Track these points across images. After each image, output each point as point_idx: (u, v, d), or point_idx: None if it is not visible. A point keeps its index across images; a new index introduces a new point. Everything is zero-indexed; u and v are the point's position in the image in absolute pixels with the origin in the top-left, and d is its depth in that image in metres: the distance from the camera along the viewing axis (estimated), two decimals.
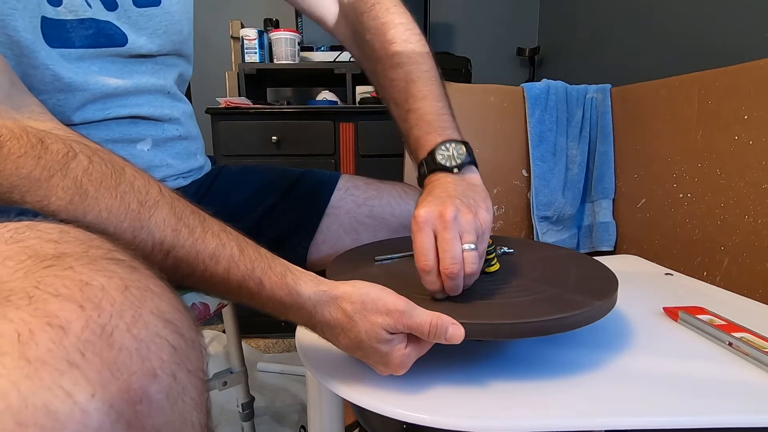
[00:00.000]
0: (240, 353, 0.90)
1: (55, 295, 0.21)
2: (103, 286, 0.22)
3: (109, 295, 0.22)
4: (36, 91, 0.48)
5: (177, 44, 0.60)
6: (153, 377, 0.21)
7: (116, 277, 0.23)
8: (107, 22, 0.52)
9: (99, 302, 0.21)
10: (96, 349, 0.20)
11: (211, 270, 0.36)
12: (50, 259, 0.23)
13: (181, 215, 0.36)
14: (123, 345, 0.21)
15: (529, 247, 0.62)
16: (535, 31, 1.99)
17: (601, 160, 1.18)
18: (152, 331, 0.22)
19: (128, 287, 0.23)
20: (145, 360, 0.21)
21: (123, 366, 0.20)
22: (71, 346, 0.19)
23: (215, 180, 0.71)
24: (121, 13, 0.53)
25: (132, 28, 0.54)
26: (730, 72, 0.86)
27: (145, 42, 0.56)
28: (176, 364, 0.23)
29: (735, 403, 0.38)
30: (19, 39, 0.46)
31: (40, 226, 0.26)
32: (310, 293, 0.38)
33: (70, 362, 0.19)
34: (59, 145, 0.33)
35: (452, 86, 1.13)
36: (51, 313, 0.20)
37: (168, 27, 0.57)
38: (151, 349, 0.22)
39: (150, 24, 0.56)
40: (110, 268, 0.24)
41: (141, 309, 0.22)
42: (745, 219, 0.83)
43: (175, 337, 0.23)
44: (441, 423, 0.36)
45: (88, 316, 0.21)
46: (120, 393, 0.20)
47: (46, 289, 0.21)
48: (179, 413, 0.22)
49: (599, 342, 0.48)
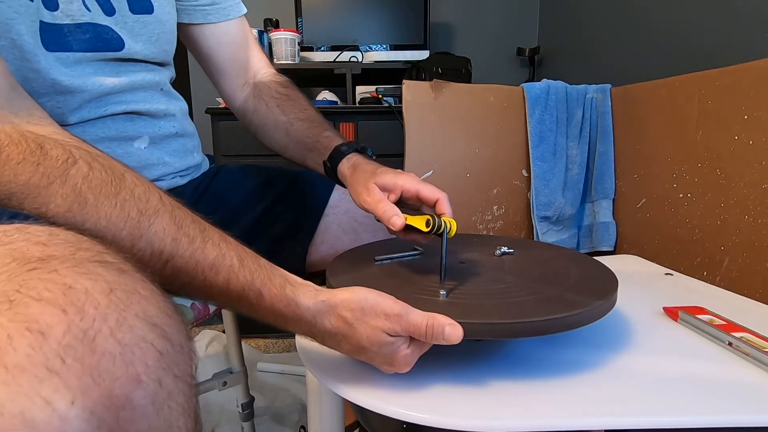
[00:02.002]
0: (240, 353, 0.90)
1: (36, 299, 0.20)
2: (87, 290, 0.22)
3: (93, 299, 0.22)
4: (36, 94, 0.48)
5: (168, 55, 0.62)
6: (137, 383, 0.21)
7: (102, 280, 0.23)
8: (105, 26, 0.52)
9: (82, 306, 0.21)
10: (77, 354, 0.20)
11: (211, 280, 0.36)
12: (35, 261, 0.23)
13: (181, 224, 0.36)
14: (106, 350, 0.20)
15: (529, 247, 0.62)
16: (535, 31, 1.99)
17: (601, 160, 1.18)
18: (137, 335, 0.22)
19: (114, 290, 0.23)
20: (129, 365, 0.21)
21: (105, 372, 0.20)
22: (51, 352, 0.19)
23: (214, 179, 0.71)
24: (119, 19, 0.54)
25: (129, 34, 0.55)
26: (730, 72, 0.86)
27: (140, 48, 0.56)
28: (162, 369, 0.22)
29: (735, 403, 0.38)
30: (22, 43, 0.46)
31: (30, 229, 0.26)
32: (309, 304, 0.38)
33: (50, 368, 0.19)
34: (59, 151, 0.33)
35: (452, 86, 1.13)
36: (31, 317, 0.20)
37: (160, 35, 0.58)
38: (135, 354, 0.21)
39: (145, 30, 0.56)
40: (96, 271, 0.23)
41: (126, 313, 0.22)
42: (745, 219, 0.83)
43: (161, 341, 0.23)
44: (441, 423, 0.36)
45: (70, 320, 0.20)
46: (102, 399, 0.19)
47: (28, 292, 0.21)
48: (165, 419, 0.22)
49: (599, 342, 0.48)
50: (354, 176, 0.56)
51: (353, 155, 0.60)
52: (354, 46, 1.74)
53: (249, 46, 0.73)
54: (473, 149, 1.15)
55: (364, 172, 0.55)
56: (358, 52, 1.73)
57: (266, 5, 1.84)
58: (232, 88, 0.73)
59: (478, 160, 1.16)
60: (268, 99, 0.70)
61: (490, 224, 1.19)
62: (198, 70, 1.90)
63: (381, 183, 0.52)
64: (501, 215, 1.20)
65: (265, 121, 0.70)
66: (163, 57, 0.61)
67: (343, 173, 0.59)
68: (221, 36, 0.69)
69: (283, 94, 0.70)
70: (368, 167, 0.56)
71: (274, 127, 0.69)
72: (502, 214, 1.20)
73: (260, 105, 0.70)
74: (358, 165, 0.57)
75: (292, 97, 0.71)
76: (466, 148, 1.15)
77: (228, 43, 0.70)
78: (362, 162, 0.58)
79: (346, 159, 0.59)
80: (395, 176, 0.53)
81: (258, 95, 0.71)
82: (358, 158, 0.59)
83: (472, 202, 1.17)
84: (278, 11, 1.80)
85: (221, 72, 0.71)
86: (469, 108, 1.15)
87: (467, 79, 1.66)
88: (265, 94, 0.71)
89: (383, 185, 0.52)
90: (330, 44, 1.75)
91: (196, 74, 1.90)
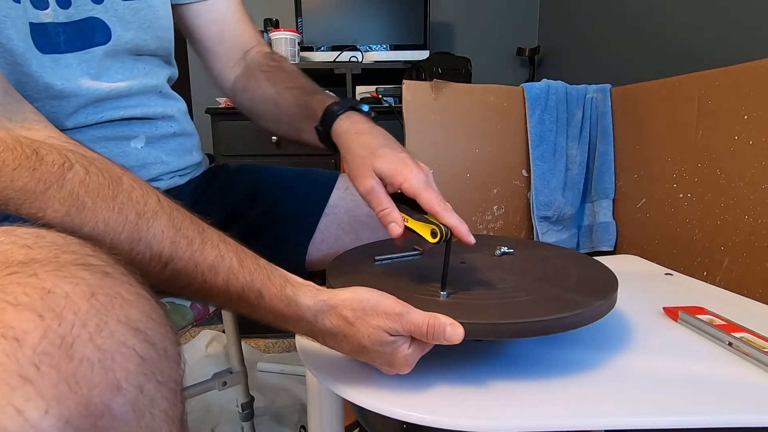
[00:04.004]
0: (240, 353, 0.90)
1: (13, 305, 0.20)
2: (67, 294, 0.21)
3: (73, 303, 0.21)
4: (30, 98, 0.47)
5: (164, 42, 0.60)
6: (116, 390, 0.20)
7: (83, 284, 0.22)
8: (90, 17, 0.51)
9: (60, 311, 0.20)
10: (53, 361, 0.19)
11: (210, 282, 0.36)
12: (16, 265, 0.22)
13: (180, 226, 0.36)
14: (84, 356, 0.20)
15: (529, 247, 0.62)
16: (535, 31, 1.99)
17: (601, 160, 1.18)
18: (118, 340, 0.21)
19: (95, 294, 0.22)
20: (109, 371, 0.20)
21: (83, 379, 0.19)
22: (25, 359, 0.19)
23: (213, 179, 0.70)
24: (108, 6, 0.52)
25: (119, 22, 0.54)
26: (730, 72, 0.86)
27: (132, 37, 0.55)
28: (144, 375, 0.22)
29: (735, 403, 0.38)
30: (12, 47, 0.46)
31: (17, 231, 0.25)
32: (309, 303, 0.38)
33: (23, 376, 0.18)
34: (54, 156, 0.33)
35: (452, 86, 1.13)
36: (7, 323, 0.19)
37: (153, 22, 0.57)
38: (115, 360, 0.21)
39: (137, 17, 0.55)
40: (78, 275, 0.23)
41: (107, 317, 0.22)
42: (745, 219, 0.83)
43: (143, 346, 0.22)
44: (441, 423, 0.36)
45: (47, 326, 0.20)
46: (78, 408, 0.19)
47: (5, 297, 0.20)
48: (147, 426, 0.21)
49: (599, 342, 0.48)
50: (350, 150, 0.51)
51: (347, 115, 0.54)
52: (354, 46, 1.74)
53: (241, 23, 0.69)
54: (473, 149, 1.15)
55: (362, 147, 0.50)
56: (358, 52, 1.73)
57: (266, 5, 1.84)
58: (222, 69, 0.69)
59: (478, 160, 1.16)
60: (257, 74, 0.66)
61: (490, 224, 1.19)
62: (198, 70, 1.91)
63: (380, 172, 0.48)
64: (501, 215, 1.20)
65: (254, 97, 0.67)
66: (158, 44, 0.59)
67: (338, 140, 0.54)
68: (208, 14, 0.66)
69: (273, 67, 0.66)
70: (366, 140, 0.50)
71: (263, 101, 0.66)
72: (502, 214, 1.20)
73: (249, 82, 0.67)
74: (353, 131, 0.52)
75: (283, 68, 0.66)
76: (466, 148, 1.15)
77: (215, 20, 0.67)
78: (358, 127, 0.52)
79: (338, 120, 0.54)
80: (396, 169, 0.47)
81: (248, 72, 0.68)
82: (352, 119, 0.54)
83: (472, 202, 1.17)
84: (278, 11, 1.80)
85: (210, 52, 0.69)
86: (469, 108, 1.15)
87: (467, 79, 1.66)
88: (254, 69, 0.67)
89: (382, 175, 0.48)
90: (330, 44, 1.75)
91: (196, 74, 1.89)
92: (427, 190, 0.46)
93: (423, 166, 0.49)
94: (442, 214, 0.44)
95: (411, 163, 0.48)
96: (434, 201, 0.45)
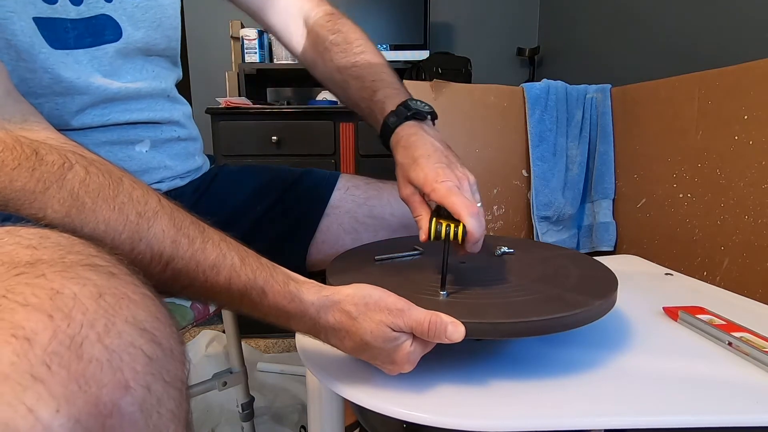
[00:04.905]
0: (240, 353, 0.90)
1: (23, 305, 0.20)
2: (75, 295, 0.21)
3: (81, 304, 0.21)
4: (33, 95, 0.47)
5: (172, 41, 0.60)
6: (125, 389, 0.20)
7: (90, 285, 0.22)
8: (101, 15, 0.51)
9: (69, 311, 0.21)
10: (63, 361, 0.19)
11: (212, 281, 0.36)
12: (23, 266, 0.22)
13: (181, 226, 0.36)
14: (93, 356, 0.20)
15: (529, 247, 0.62)
16: (535, 31, 1.99)
17: (601, 160, 1.18)
18: (126, 340, 0.21)
19: (102, 295, 0.22)
20: (117, 371, 0.20)
21: (92, 378, 0.20)
22: (36, 359, 0.19)
23: (214, 180, 0.70)
24: (118, 5, 0.52)
25: (129, 21, 0.54)
26: (730, 72, 0.86)
27: (142, 36, 0.55)
28: (151, 374, 0.22)
29: (735, 403, 0.38)
30: (17, 43, 0.45)
31: (21, 231, 0.25)
32: (312, 299, 0.38)
33: (34, 376, 0.18)
34: (54, 156, 0.33)
35: (452, 86, 1.13)
36: (17, 324, 0.19)
37: (162, 20, 0.57)
38: (123, 360, 0.21)
39: (146, 16, 0.55)
40: (85, 275, 0.23)
41: (115, 318, 0.22)
42: (745, 219, 0.83)
43: (150, 346, 0.22)
44: (441, 423, 0.36)
45: (56, 326, 0.20)
46: (88, 407, 0.19)
47: (15, 298, 0.20)
48: (154, 426, 0.21)
49: (599, 342, 0.48)
50: (396, 161, 0.52)
51: (401, 127, 0.54)
52: None
53: None
54: (473, 149, 1.15)
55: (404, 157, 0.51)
56: None
57: None
58: (292, 43, 0.69)
59: (478, 160, 1.16)
60: (323, 51, 0.66)
61: (490, 224, 1.19)
62: (198, 70, 1.91)
63: (414, 183, 0.49)
64: (501, 215, 1.20)
65: (324, 77, 0.67)
66: (166, 44, 0.59)
67: (393, 151, 0.54)
68: None
69: (333, 43, 0.65)
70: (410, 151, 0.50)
71: (332, 84, 0.67)
72: (502, 214, 1.20)
73: (318, 59, 0.67)
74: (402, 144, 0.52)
75: (348, 40, 0.65)
76: (466, 148, 1.15)
77: None
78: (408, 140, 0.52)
79: (394, 135, 0.54)
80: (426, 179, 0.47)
81: (313, 46, 0.67)
82: (405, 131, 0.53)
83: None
84: None
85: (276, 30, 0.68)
86: (469, 108, 1.15)
87: (467, 79, 1.66)
88: (320, 45, 0.66)
89: (415, 185, 0.48)
90: None
91: (196, 74, 1.90)
92: (450, 196, 0.45)
93: (459, 173, 0.48)
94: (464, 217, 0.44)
95: (443, 172, 0.47)
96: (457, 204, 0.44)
